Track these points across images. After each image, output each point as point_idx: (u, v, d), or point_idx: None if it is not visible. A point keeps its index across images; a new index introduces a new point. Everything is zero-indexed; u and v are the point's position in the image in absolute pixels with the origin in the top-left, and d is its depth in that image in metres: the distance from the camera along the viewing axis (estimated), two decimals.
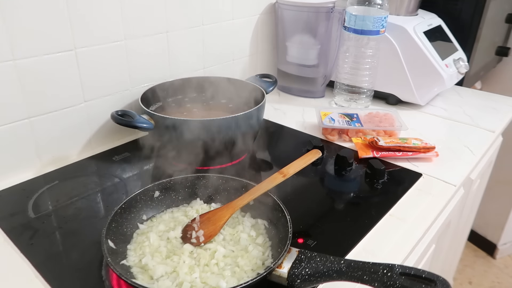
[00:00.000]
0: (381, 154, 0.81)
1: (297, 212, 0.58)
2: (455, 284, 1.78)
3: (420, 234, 0.63)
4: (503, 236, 1.83)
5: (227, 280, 0.49)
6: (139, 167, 0.78)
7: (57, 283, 0.52)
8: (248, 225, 0.59)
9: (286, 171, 0.62)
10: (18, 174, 0.74)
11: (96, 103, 0.81)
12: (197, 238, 0.55)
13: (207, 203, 0.64)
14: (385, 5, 0.94)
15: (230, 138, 0.74)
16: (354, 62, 1.01)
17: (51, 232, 0.60)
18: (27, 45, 0.68)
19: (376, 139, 0.82)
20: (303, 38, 1.08)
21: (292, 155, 0.68)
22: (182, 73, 0.94)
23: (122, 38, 0.81)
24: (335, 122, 0.90)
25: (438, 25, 1.10)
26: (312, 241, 0.59)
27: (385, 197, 0.71)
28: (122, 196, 0.68)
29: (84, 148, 0.83)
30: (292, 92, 1.16)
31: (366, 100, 1.05)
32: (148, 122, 0.72)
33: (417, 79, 1.01)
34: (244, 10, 1.05)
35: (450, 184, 0.75)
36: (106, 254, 0.48)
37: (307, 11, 1.05)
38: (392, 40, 1.00)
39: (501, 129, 1.00)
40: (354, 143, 0.85)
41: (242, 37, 1.08)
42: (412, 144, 0.81)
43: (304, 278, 0.47)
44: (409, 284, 0.42)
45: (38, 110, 0.73)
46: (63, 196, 0.69)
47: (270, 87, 0.89)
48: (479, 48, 1.19)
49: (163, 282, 0.48)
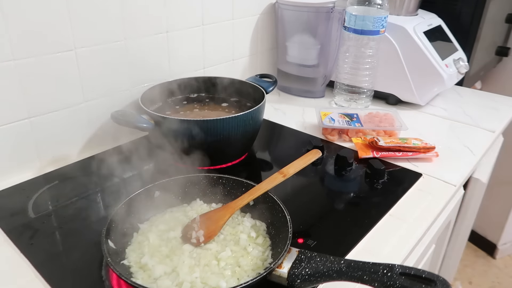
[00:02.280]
0: (381, 154, 0.81)
1: (297, 212, 0.58)
2: (455, 284, 1.78)
3: (420, 234, 0.63)
4: (503, 236, 1.83)
5: (227, 280, 0.49)
6: (139, 167, 0.78)
7: (57, 283, 0.52)
8: (248, 225, 0.59)
9: (286, 171, 0.62)
10: (18, 174, 0.74)
11: (96, 103, 0.81)
12: (197, 238, 0.55)
13: (207, 203, 0.64)
14: (385, 5, 0.94)
15: (230, 138, 0.74)
16: (354, 62, 1.01)
17: (51, 232, 0.61)
18: (27, 45, 0.68)
19: (376, 139, 0.82)
20: (303, 38, 1.08)
21: (292, 155, 0.68)
22: (182, 73, 0.94)
23: (122, 38, 0.81)
24: (335, 122, 0.90)
25: (438, 25, 1.10)
26: (312, 241, 0.59)
27: (385, 197, 0.71)
28: (122, 196, 0.68)
29: (84, 148, 0.83)
30: (292, 92, 1.16)
31: (366, 100, 1.05)
32: (148, 122, 0.72)
33: (417, 79, 1.01)
34: (244, 10, 1.05)
35: (450, 184, 0.75)
36: (106, 254, 0.48)
37: (307, 11, 1.05)
38: (392, 40, 1.00)
39: (501, 129, 0.99)
40: (354, 143, 0.85)
41: (242, 37, 1.08)
42: (412, 144, 0.81)
43: (304, 278, 0.47)
44: (409, 284, 0.42)
45: (38, 110, 0.73)
46: (63, 196, 0.69)
47: (270, 87, 0.89)
48: (479, 48, 1.19)
49: (163, 282, 0.48)
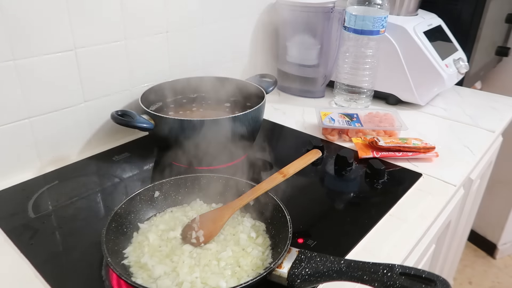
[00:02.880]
0: (381, 154, 0.81)
1: (297, 212, 0.58)
2: (455, 284, 1.78)
3: (420, 234, 0.63)
4: (503, 236, 1.83)
5: (227, 280, 0.49)
6: (139, 167, 0.78)
7: (57, 283, 0.52)
8: (248, 225, 0.59)
9: (286, 171, 0.62)
10: (18, 174, 0.74)
11: (96, 103, 0.81)
12: (197, 238, 0.55)
13: (207, 203, 0.64)
14: (385, 5, 0.94)
15: (230, 138, 0.74)
16: (354, 62, 1.01)
17: (51, 232, 0.61)
18: (27, 45, 0.68)
19: (376, 139, 0.82)
20: (303, 38, 1.08)
21: (292, 155, 0.68)
22: (182, 73, 0.94)
23: (122, 38, 0.81)
24: (335, 122, 0.90)
25: (438, 25, 1.10)
26: (312, 241, 0.59)
27: (385, 197, 0.71)
28: (122, 196, 0.68)
29: (84, 148, 0.83)
30: (292, 92, 1.16)
31: (366, 100, 1.05)
32: (148, 122, 0.72)
33: (417, 79, 1.01)
34: (244, 10, 1.05)
35: (450, 184, 0.75)
36: (106, 254, 0.48)
37: (307, 11, 1.05)
38: (392, 40, 1.00)
39: (501, 129, 0.99)
40: (354, 143, 0.85)
41: (242, 37, 1.08)
42: (412, 144, 0.81)
43: (304, 278, 0.47)
44: (409, 284, 0.42)
45: (38, 110, 0.73)
46: (63, 196, 0.69)
47: (270, 87, 0.89)
48: (479, 48, 1.19)
49: (162, 282, 0.48)
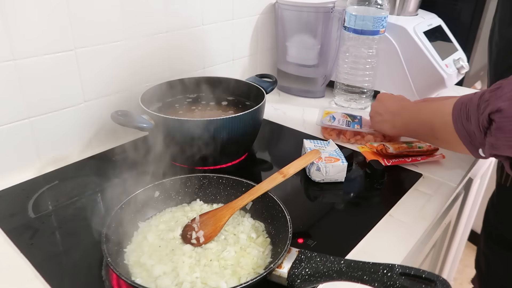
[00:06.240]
0: (392, 161, 0.78)
1: (297, 212, 0.58)
2: (455, 284, 1.78)
3: (420, 234, 0.63)
4: None
5: (227, 280, 0.49)
6: (139, 167, 0.78)
7: (57, 283, 0.52)
8: (248, 225, 0.59)
9: (286, 171, 0.62)
10: (18, 174, 0.73)
11: (96, 103, 0.81)
12: (197, 239, 0.55)
13: (207, 203, 0.64)
14: (385, 5, 0.94)
15: (230, 138, 0.74)
16: (354, 62, 1.01)
17: (51, 232, 0.61)
18: (27, 45, 0.68)
19: (386, 146, 0.78)
20: (303, 38, 1.08)
21: (292, 155, 0.68)
22: (182, 73, 0.94)
23: (122, 38, 0.81)
24: (335, 121, 0.89)
25: (438, 25, 1.10)
26: (312, 241, 0.59)
27: (385, 197, 0.71)
28: (122, 196, 0.68)
29: (84, 148, 0.83)
30: (292, 92, 1.16)
31: (366, 100, 1.05)
32: (148, 122, 0.72)
33: (417, 79, 1.01)
34: (244, 10, 1.05)
35: (450, 184, 0.75)
36: (106, 254, 0.48)
37: (307, 11, 1.05)
38: (392, 40, 1.00)
39: None
40: (361, 152, 0.82)
41: (242, 37, 1.08)
42: (418, 148, 0.79)
43: (304, 278, 0.47)
44: (409, 284, 0.42)
45: (38, 110, 0.73)
46: (63, 196, 0.69)
47: (270, 87, 0.89)
48: (479, 48, 1.19)
49: (162, 282, 0.48)
